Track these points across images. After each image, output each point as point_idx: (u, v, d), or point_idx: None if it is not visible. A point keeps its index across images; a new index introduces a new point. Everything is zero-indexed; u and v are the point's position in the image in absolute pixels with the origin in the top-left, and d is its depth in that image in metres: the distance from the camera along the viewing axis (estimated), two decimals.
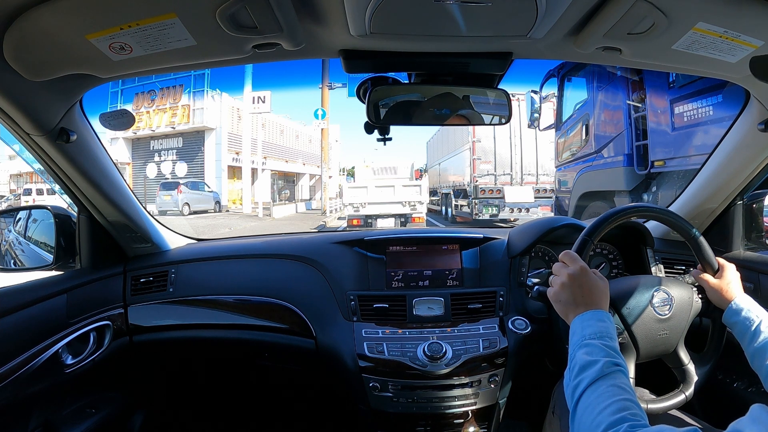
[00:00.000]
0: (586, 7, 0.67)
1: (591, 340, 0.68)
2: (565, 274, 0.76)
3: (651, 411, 0.82)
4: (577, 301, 0.74)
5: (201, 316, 1.28)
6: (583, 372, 0.64)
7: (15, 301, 0.95)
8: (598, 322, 0.70)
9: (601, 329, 0.69)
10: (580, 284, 0.75)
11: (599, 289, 0.75)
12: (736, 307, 0.81)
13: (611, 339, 0.68)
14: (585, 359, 0.65)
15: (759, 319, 0.77)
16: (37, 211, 1.40)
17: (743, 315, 0.79)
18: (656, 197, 4.05)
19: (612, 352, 0.66)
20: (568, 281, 0.76)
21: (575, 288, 0.75)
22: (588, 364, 0.64)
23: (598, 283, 0.76)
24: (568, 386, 0.66)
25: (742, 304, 0.81)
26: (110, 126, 1.05)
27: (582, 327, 0.71)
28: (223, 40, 0.69)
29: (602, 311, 0.73)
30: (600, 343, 0.67)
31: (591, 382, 0.62)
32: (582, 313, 0.73)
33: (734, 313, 0.81)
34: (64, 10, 0.61)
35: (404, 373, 1.05)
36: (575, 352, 0.68)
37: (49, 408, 1.06)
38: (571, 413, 0.62)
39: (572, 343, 0.70)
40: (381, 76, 0.91)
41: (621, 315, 0.83)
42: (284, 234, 1.61)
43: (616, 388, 0.60)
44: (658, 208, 0.91)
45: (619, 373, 0.62)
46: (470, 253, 1.28)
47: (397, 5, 0.65)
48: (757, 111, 0.97)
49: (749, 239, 1.21)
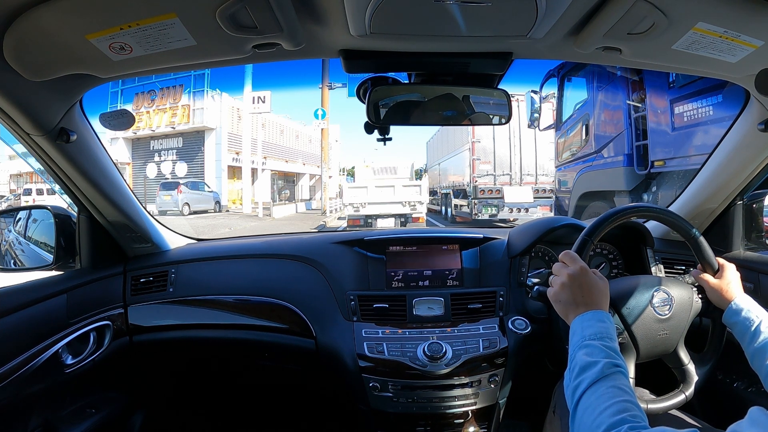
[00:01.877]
0: (586, 7, 0.67)
1: (591, 340, 0.68)
2: (565, 274, 0.76)
3: (651, 411, 0.82)
4: (577, 302, 0.74)
5: (201, 316, 1.27)
6: (584, 373, 0.64)
7: (15, 301, 0.95)
8: (599, 323, 0.70)
9: (602, 330, 0.69)
10: (580, 284, 0.75)
11: (599, 289, 0.75)
12: (736, 308, 0.81)
13: (611, 340, 0.68)
14: (585, 360, 0.65)
15: (759, 319, 0.77)
16: (37, 211, 1.40)
17: (743, 315, 0.79)
18: (656, 197, 4.06)
19: (612, 353, 0.66)
20: (568, 281, 0.75)
21: (575, 288, 0.75)
22: (588, 365, 0.64)
23: (598, 283, 0.76)
24: (568, 387, 0.66)
25: (742, 304, 0.81)
26: (110, 126, 1.05)
27: (582, 327, 0.71)
28: (223, 40, 0.69)
29: (602, 311, 0.73)
30: (600, 344, 0.67)
31: (591, 383, 0.62)
32: (582, 314, 0.72)
33: (734, 314, 0.81)
34: (64, 10, 0.61)
35: (404, 373, 1.05)
36: (575, 353, 0.68)
37: (49, 408, 1.06)
38: (572, 414, 0.62)
39: (572, 344, 0.70)
40: (381, 76, 0.91)
41: (621, 315, 0.83)
42: (284, 234, 1.61)
43: (616, 389, 0.60)
44: (658, 208, 0.91)
45: (619, 374, 0.62)
46: (470, 253, 1.28)
47: (397, 5, 0.65)
48: (757, 111, 0.97)
49: (749, 239, 1.21)
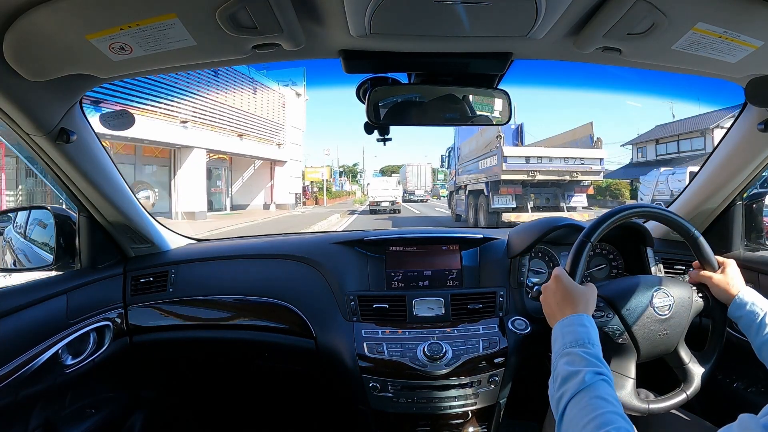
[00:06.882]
0: (585, 8, 0.67)
1: (571, 348, 0.67)
2: (545, 285, 0.79)
3: (652, 411, 0.81)
4: (558, 308, 0.75)
5: (201, 316, 1.27)
6: (566, 383, 0.62)
7: (15, 302, 0.95)
8: (579, 327, 0.70)
9: (581, 335, 0.68)
10: (555, 290, 0.77)
11: (580, 293, 0.75)
12: (741, 301, 0.81)
13: (593, 345, 0.67)
14: (567, 370, 0.64)
15: (764, 311, 0.78)
16: (37, 212, 1.41)
17: (748, 308, 0.80)
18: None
19: (594, 360, 0.64)
20: (547, 291, 0.79)
21: (556, 295, 0.76)
22: (570, 375, 0.63)
23: (576, 286, 0.76)
24: (552, 397, 0.65)
25: (747, 297, 0.81)
26: (110, 126, 1.05)
27: (563, 334, 0.70)
28: (223, 40, 0.69)
29: (583, 315, 0.72)
30: (581, 351, 0.65)
31: (574, 394, 0.60)
32: (561, 320, 0.73)
33: (739, 307, 0.81)
34: (64, 10, 0.61)
35: (404, 373, 1.05)
36: (557, 362, 0.67)
37: (49, 408, 1.06)
38: (557, 425, 0.61)
39: (554, 352, 0.70)
40: (381, 76, 0.91)
41: (621, 315, 0.83)
42: (284, 234, 1.61)
43: (600, 400, 0.58)
44: (658, 208, 0.91)
45: (602, 383, 0.61)
46: (470, 253, 1.28)
47: (397, 5, 0.65)
48: (757, 111, 0.97)
49: (749, 239, 1.21)
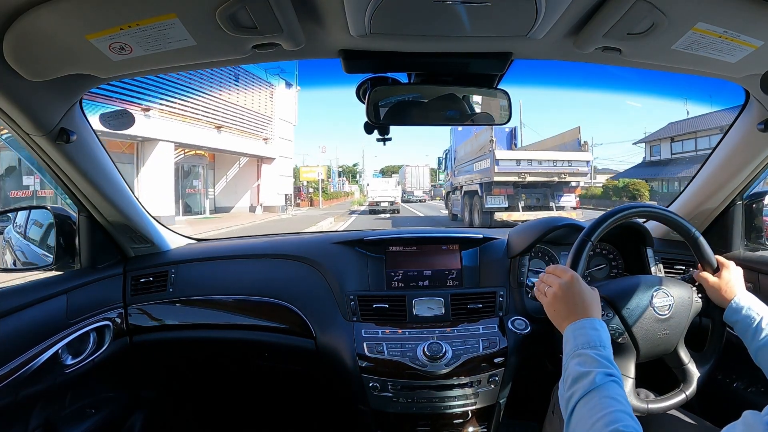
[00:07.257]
0: (585, 7, 0.67)
1: (583, 349, 0.67)
2: (557, 285, 0.77)
3: (652, 411, 0.82)
4: (569, 311, 0.74)
5: (201, 316, 1.27)
6: (576, 383, 0.63)
7: (15, 302, 0.95)
8: (591, 331, 0.70)
9: (594, 338, 0.69)
10: (572, 293, 0.75)
11: (592, 297, 0.76)
12: (737, 306, 0.81)
13: (604, 348, 0.68)
14: (578, 370, 0.65)
15: (760, 316, 0.78)
16: (37, 211, 1.41)
17: (744, 313, 0.79)
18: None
19: (605, 362, 0.65)
20: (560, 292, 0.76)
21: (568, 297, 0.75)
22: (581, 376, 0.64)
23: (589, 291, 0.76)
24: (562, 397, 0.66)
25: (743, 302, 0.81)
26: (110, 126, 1.05)
27: (575, 336, 0.70)
28: (222, 40, 0.69)
29: (595, 319, 0.73)
30: (593, 353, 0.66)
31: (584, 393, 0.61)
32: (574, 322, 0.72)
33: (735, 312, 0.81)
34: (64, 10, 0.61)
35: (404, 373, 1.05)
36: (568, 363, 0.68)
37: (49, 408, 1.06)
38: (566, 424, 0.62)
39: (565, 353, 0.70)
40: (381, 76, 0.91)
41: (621, 315, 0.83)
42: (284, 234, 1.61)
43: (610, 399, 0.59)
44: (658, 208, 0.91)
45: (612, 383, 0.62)
46: (470, 253, 1.28)
47: (397, 5, 0.65)
48: (757, 111, 0.97)
49: (749, 239, 1.21)
